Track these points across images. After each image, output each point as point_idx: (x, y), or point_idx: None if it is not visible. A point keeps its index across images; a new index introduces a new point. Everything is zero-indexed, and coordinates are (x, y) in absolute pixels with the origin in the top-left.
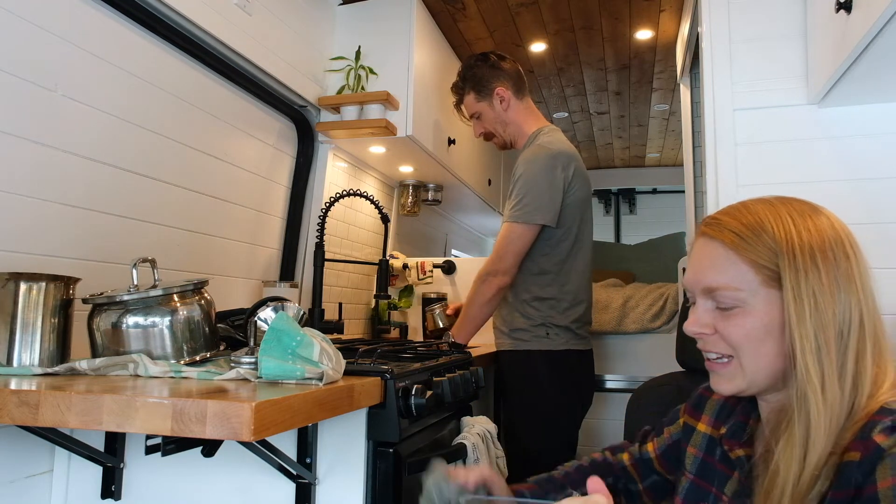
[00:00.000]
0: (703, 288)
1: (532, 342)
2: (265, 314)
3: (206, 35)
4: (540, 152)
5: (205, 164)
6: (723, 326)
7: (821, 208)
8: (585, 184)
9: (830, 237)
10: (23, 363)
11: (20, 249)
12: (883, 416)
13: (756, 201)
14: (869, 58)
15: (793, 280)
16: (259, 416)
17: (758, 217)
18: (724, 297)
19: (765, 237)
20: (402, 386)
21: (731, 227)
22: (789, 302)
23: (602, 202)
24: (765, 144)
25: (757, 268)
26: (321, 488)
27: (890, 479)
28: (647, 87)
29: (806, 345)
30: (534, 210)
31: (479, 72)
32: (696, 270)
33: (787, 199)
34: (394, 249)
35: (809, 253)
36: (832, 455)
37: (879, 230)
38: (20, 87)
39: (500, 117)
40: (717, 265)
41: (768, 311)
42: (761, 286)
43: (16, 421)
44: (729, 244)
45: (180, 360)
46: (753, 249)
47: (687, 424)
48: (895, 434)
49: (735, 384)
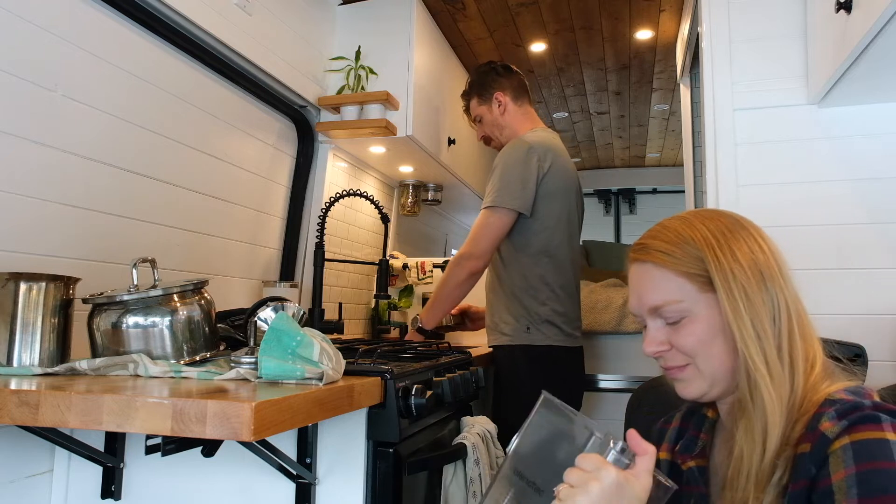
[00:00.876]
0: (649, 309)
1: (514, 337)
2: (265, 314)
3: (206, 35)
4: (516, 143)
5: (205, 164)
6: (676, 339)
7: (735, 215)
8: (566, 176)
9: (746, 239)
10: (23, 363)
11: (20, 249)
12: (827, 408)
13: (672, 219)
14: (869, 58)
15: (722, 280)
16: (259, 416)
17: (676, 232)
18: (669, 313)
19: (688, 248)
20: (402, 386)
21: (657, 248)
22: (724, 300)
23: (602, 202)
24: (765, 144)
25: (690, 277)
26: (321, 488)
27: (842, 471)
28: (647, 87)
29: (746, 334)
30: (506, 196)
31: (483, 78)
32: (637, 295)
33: (702, 212)
34: (394, 249)
35: (731, 254)
36: (786, 447)
37: (879, 230)
38: (20, 87)
39: (497, 121)
40: (654, 285)
41: (711, 314)
42: (699, 293)
43: (16, 421)
44: (660, 263)
45: (180, 360)
46: (682, 262)
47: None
48: (840, 422)
49: (697, 386)
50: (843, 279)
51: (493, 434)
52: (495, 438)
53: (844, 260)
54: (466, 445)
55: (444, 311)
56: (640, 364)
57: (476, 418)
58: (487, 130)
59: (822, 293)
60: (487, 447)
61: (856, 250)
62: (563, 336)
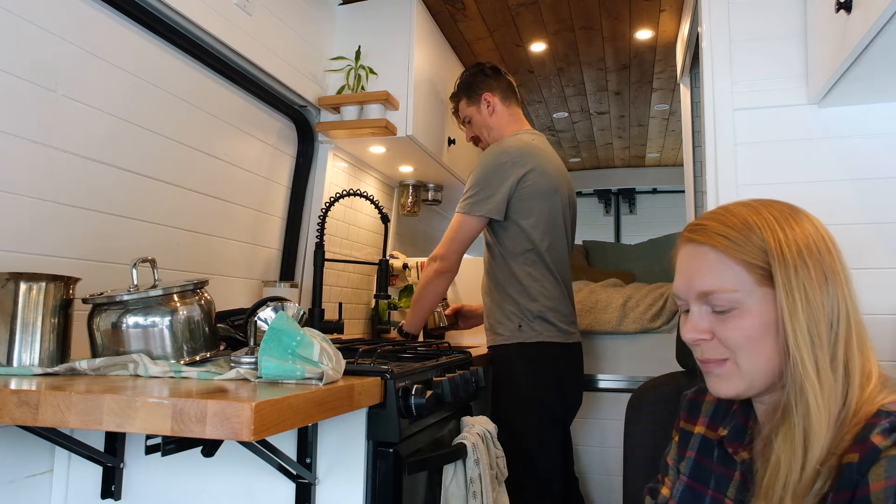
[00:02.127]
0: (698, 293)
1: (508, 336)
2: (265, 314)
3: (206, 35)
4: (493, 149)
5: (205, 164)
6: (721, 330)
7: (799, 208)
8: (549, 177)
9: (813, 235)
10: (23, 363)
11: (20, 249)
12: (880, 419)
13: (737, 204)
14: (869, 58)
15: (784, 277)
16: (259, 416)
17: (743, 219)
18: (719, 300)
19: (753, 237)
20: (402, 386)
21: (718, 231)
22: (782, 298)
23: (602, 202)
24: (765, 144)
25: (750, 268)
26: (321, 488)
27: (883, 482)
28: (647, 87)
29: (800, 338)
30: (477, 202)
31: (472, 79)
32: (687, 276)
33: (767, 202)
34: (394, 249)
35: (797, 250)
36: (832, 456)
37: (879, 230)
38: (20, 87)
39: (486, 122)
40: (709, 269)
41: (765, 310)
42: (756, 286)
43: (16, 421)
44: (719, 247)
45: (180, 360)
46: (744, 250)
47: (684, 431)
48: (893, 435)
49: (734, 385)
50: None
51: (493, 434)
52: (495, 438)
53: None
54: (466, 445)
55: (424, 313)
56: (640, 364)
57: (476, 418)
58: (476, 131)
59: None
60: (487, 447)
61: (856, 250)
62: (556, 332)
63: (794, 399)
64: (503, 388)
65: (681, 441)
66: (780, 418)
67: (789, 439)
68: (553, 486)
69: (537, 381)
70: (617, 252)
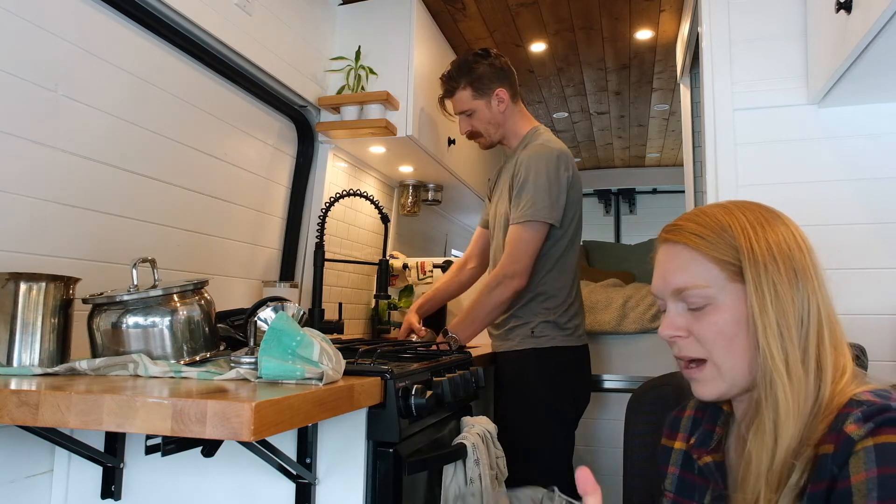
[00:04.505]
0: (673, 290)
1: (519, 341)
2: (265, 314)
3: (206, 35)
4: (543, 152)
5: (205, 164)
6: (696, 327)
7: (776, 212)
8: (580, 183)
9: (785, 235)
10: (23, 363)
11: (20, 249)
12: (852, 408)
13: (713, 206)
14: (869, 58)
15: (753, 273)
16: (259, 416)
17: (717, 219)
18: (693, 297)
19: (725, 235)
20: (402, 386)
21: (692, 231)
22: (751, 293)
23: (602, 202)
24: (765, 144)
25: (721, 264)
26: (321, 488)
27: (863, 474)
28: (647, 87)
29: (769, 332)
30: (542, 209)
31: (481, 70)
32: (663, 274)
33: (743, 204)
34: (394, 249)
35: (766, 248)
36: (806, 447)
37: (879, 230)
38: (20, 87)
39: (496, 119)
40: (683, 266)
41: (737, 306)
42: (728, 282)
43: (16, 421)
44: (692, 245)
45: (180, 360)
46: (716, 247)
47: (664, 447)
48: (866, 424)
49: (716, 386)
50: (843, 279)
51: (493, 434)
52: (495, 438)
53: (844, 260)
54: (466, 445)
55: (482, 328)
56: (640, 364)
57: (476, 418)
58: (479, 126)
59: None
60: (487, 447)
61: (856, 250)
62: (566, 336)
63: (765, 393)
64: (514, 393)
65: (661, 458)
66: (752, 413)
67: (760, 432)
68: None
69: (552, 386)
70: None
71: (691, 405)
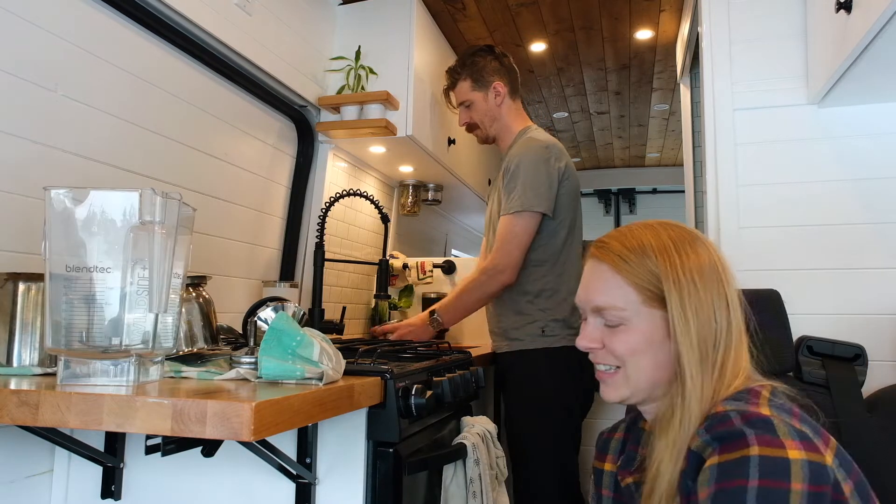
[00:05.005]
0: (593, 307)
1: (528, 341)
2: (265, 314)
3: (207, 35)
4: (532, 144)
5: (205, 164)
6: (609, 342)
7: (698, 235)
8: (575, 176)
9: (706, 261)
10: (23, 363)
11: (20, 249)
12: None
13: (640, 226)
14: (869, 58)
15: (677, 299)
16: (259, 416)
17: (640, 241)
18: (610, 316)
19: (647, 261)
20: (402, 386)
21: (615, 251)
22: (675, 318)
23: (602, 202)
24: (765, 144)
25: (639, 289)
26: (321, 488)
27: (705, 490)
28: (647, 87)
29: (692, 356)
30: (533, 199)
31: (481, 62)
32: (586, 290)
33: (669, 225)
34: (394, 249)
35: (689, 275)
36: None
37: (879, 230)
38: (20, 87)
39: (492, 112)
40: (604, 288)
41: (649, 328)
42: (642, 305)
43: (16, 421)
44: (615, 268)
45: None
46: (635, 272)
47: (595, 469)
48: (708, 438)
49: (620, 392)
50: (843, 279)
51: (493, 434)
52: (495, 438)
53: (844, 260)
54: (466, 445)
55: (465, 316)
56: None
57: (476, 418)
58: (477, 118)
59: (822, 293)
60: (487, 447)
61: (856, 250)
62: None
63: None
64: (524, 393)
65: (595, 480)
66: (664, 425)
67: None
68: (571, 487)
69: (563, 385)
70: None
71: (621, 427)
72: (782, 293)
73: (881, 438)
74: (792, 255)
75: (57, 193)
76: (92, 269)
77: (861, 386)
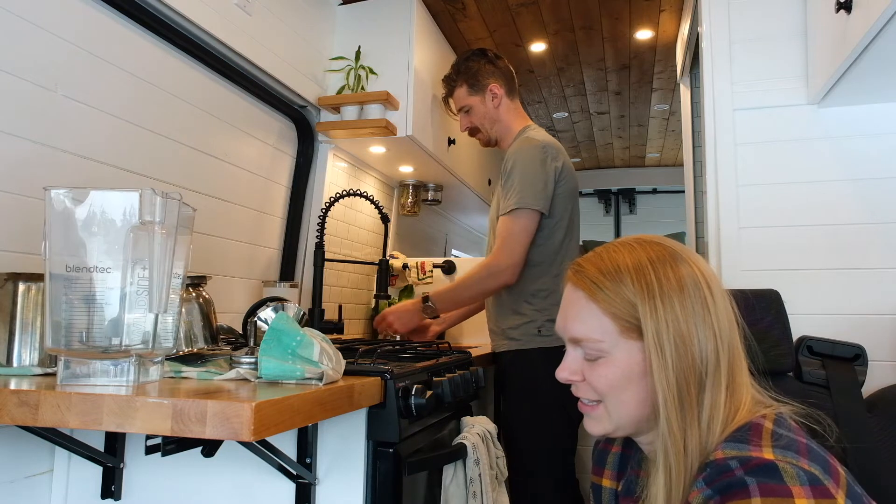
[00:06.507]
0: (570, 338)
1: (525, 341)
2: (265, 314)
3: (207, 35)
4: (527, 143)
5: (205, 164)
6: (589, 375)
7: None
8: (573, 175)
9: (689, 282)
10: (22, 363)
11: (20, 249)
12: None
13: (620, 244)
14: (869, 58)
15: (653, 331)
16: (259, 416)
17: (616, 264)
18: (588, 348)
19: (622, 288)
20: (402, 386)
21: (590, 276)
22: (651, 353)
23: (602, 202)
24: (765, 144)
25: (615, 319)
26: (321, 488)
27: None
28: (647, 87)
29: (669, 395)
30: (528, 197)
31: (475, 66)
32: (563, 318)
33: (651, 242)
34: (394, 249)
35: (668, 302)
36: None
37: (879, 230)
38: (20, 87)
39: (490, 114)
40: (581, 317)
41: (629, 361)
42: (620, 336)
43: (16, 421)
44: (589, 294)
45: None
46: (610, 300)
47: (594, 484)
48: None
49: (603, 426)
50: (843, 279)
51: (493, 434)
52: (495, 438)
53: (844, 260)
54: (466, 445)
55: (459, 307)
56: None
57: (476, 418)
58: (477, 122)
59: (822, 293)
60: (487, 447)
61: (856, 250)
62: None
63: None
64: (522, 392)
65: (594, 496)
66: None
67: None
68: (569, 487)
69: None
70: None
71: (618, 441)
72: (782, 293)
73: (881, 438)
74: (792, 255)
75: (57, 193)
76: (92, 269)
77: (861, 386)
